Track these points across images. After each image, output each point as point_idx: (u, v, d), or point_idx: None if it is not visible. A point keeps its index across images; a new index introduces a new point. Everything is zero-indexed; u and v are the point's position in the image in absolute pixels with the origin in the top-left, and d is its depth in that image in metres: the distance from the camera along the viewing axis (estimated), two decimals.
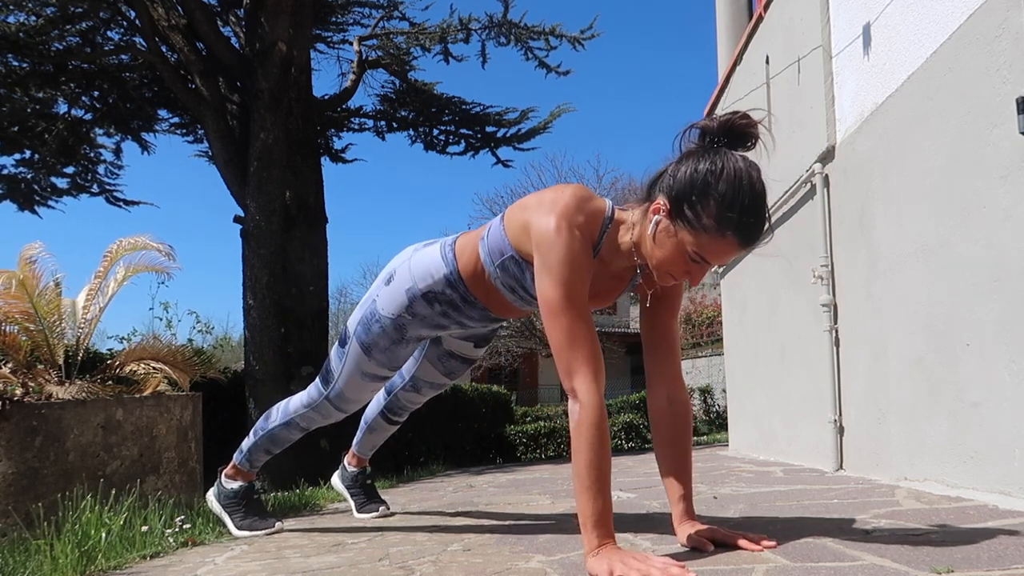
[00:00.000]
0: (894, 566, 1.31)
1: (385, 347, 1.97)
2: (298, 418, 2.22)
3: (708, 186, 1.42)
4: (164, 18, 6.67)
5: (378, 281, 2.00)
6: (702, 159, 1.45)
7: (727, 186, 1.41)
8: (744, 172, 1.42)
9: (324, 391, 2.12)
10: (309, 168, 7.21)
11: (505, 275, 1.75)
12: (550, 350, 1.59)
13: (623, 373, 22.77)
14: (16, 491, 2.46)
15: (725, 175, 1.41)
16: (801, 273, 3.76)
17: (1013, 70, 2.06)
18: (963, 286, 2.33)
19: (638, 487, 3.13)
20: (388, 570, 1.60)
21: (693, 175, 1.44)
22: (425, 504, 3.04)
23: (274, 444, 2.30)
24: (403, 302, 1.91)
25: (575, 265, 1.49)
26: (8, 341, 2.94)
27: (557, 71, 8.87)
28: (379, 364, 2.01)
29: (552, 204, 1.54)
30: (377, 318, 1.95)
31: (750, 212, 1.42)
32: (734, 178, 1.41)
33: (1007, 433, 2.10)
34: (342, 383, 2.07)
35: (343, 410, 2.17)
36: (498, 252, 1.74)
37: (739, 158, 1.45)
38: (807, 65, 3.69)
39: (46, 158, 7.73)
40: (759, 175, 1.44)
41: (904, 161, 2.74)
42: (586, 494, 1.40)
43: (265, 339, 6.22)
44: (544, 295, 1.50)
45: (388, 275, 1.97)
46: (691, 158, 1.47)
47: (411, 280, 1.90)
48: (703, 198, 1.42)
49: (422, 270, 1.89)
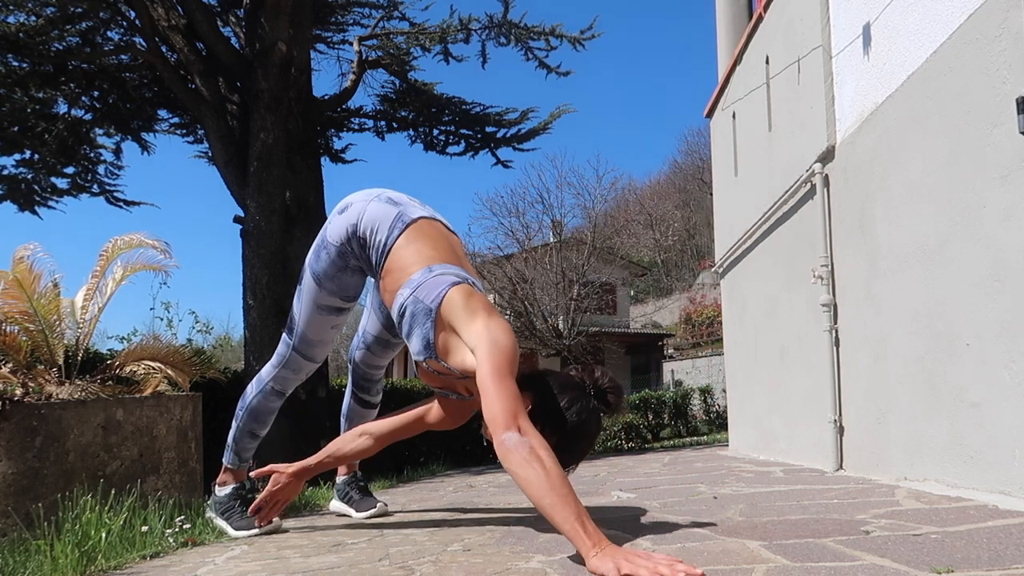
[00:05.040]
0: (894, 566, 1.31)
1: (332, 274, 2.14)
2: (271, 381, 2.33)
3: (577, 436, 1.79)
4: (164, 18, 6.67)
5: (334, 211, 2.18)
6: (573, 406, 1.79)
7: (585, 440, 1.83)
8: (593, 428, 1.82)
9: (290, 340, 2.26)
10: (309, 168, 7.21)
11: (406, 319, 1.93)
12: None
13: (623, 373, 22.76)
14: (16, 491, 2.46)
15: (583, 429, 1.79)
16: (801, 273, 3.76)
17: (1013, 70, 2.06)
18: (963, 286, 2.33)
19: (638, 487, 3.13)
20: (388, 570, 1.60)
21: (560, 417, 1.76)
22: (425, 504, 3.04)
23: (256, 421, 2.37)
24: (344, 235, 2.11)
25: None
26: (8, 341, 2.94)
27: (557, 72, 8.86)
28: (330, 293, 2.17)
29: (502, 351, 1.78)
30: (325, 245, 2.14)
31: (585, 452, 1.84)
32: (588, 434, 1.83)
33: (1007, 433, 2.10)
34: (303, 323, 2.21)
35: (310, 357, 2.28)
36: (415, 312, 1.89)
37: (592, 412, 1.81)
38: (807, 65, 3.69)
39: (46, 158, 7.73)
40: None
41: (904, 161, 2.73)
42: (562, 503, 1.44)
43: (265, 339, 6.21)
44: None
45: (344, 206, 2.15)
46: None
47: (356, 218, 2.09)
48: (570, 439, 1.77)
49: (371, 219, 2.07)
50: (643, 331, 26.07)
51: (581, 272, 19.62)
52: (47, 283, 3.05)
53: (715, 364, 18.11)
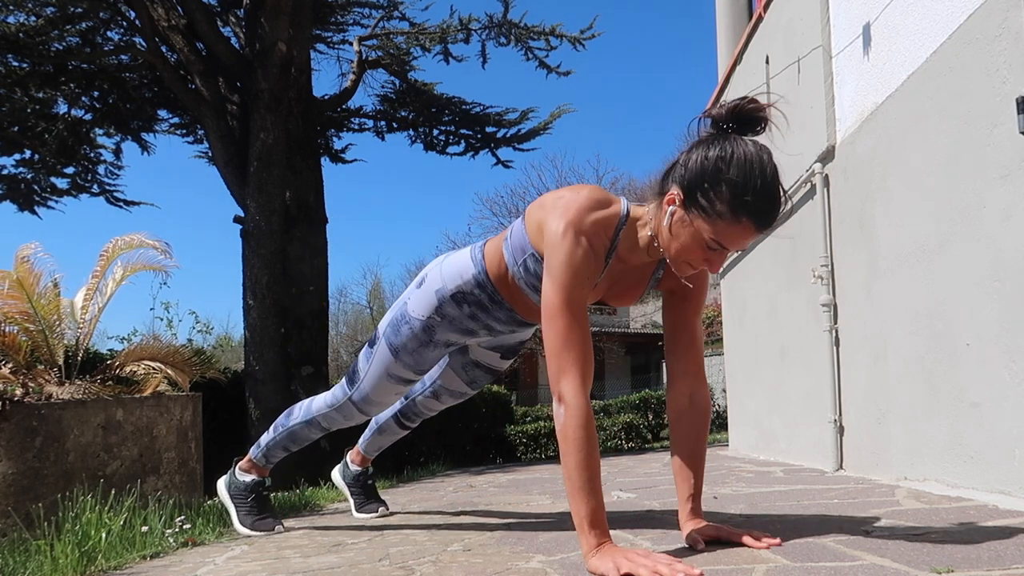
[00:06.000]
0: (894, 566, 1.31)
1: (413, 349, 1.99)
2: (320, 417, 2.25)
3: (719, 172, 1.41)
4: (164, 18, 6.67)
5: (411, 285, 2.04)
6: (712, 146, 1.44)
7: (738, 171, 1.40)
8: (755, 156, 1.42)
9: (348, 391, 2.15)
10: (309, 168, 7.21)
11: (527, 274, 1.75)
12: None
13: (623, 373, 22.77)
14: (16, 491, 2.46)
15: (736, 160, 1.41)
16: (801, 273, 3.76)
17: (1013, 70, 2.06)
18: (963, 286, 2.33)
19: (638, 487, 3.14)
20: (388, 570, 1.60)
21: (704, 162, 1.43)
22: (425, 504, 3.04)
23: (293, 442, 2.34)
24: (433, 303, 1.93)
25: (576, 271, 1.50)
26: (8, 341, 2.94)
27: (557, 71, 8.87)
28: (405, 366, 2.03)
29: (565, 208, 1.55)
30: (407, 320, 1.98)
31: (763, 195, 1.41)
32: (745, 163, 1.41)
33: (1007, 433, 2.10)
34: (368, 384, 2.10)
35: (365, 412, 2.19)
36: (520, 251, 1.74)
37: (749, 143, 1.44)
38: (807, 65, 3.69)
39: (46, 158, 7.73)
40: (770, 158, 1.44)
41: (904, 161, 2.73)
42: (579, 495, 1.42)
43: (265, 339, 6.22)
44: (544, 297, 1.51)
45: (420, 279, 2.00)
46: (701, 146, 1.47)
47: (441, 281, 1.92)
48: (715, 185, 1.41)
49: (452, 271, 1.91)
50: (643, 331, 26.07)
51: None
52: (47, 283, 3.05)
53: (715, 364, 18.09)
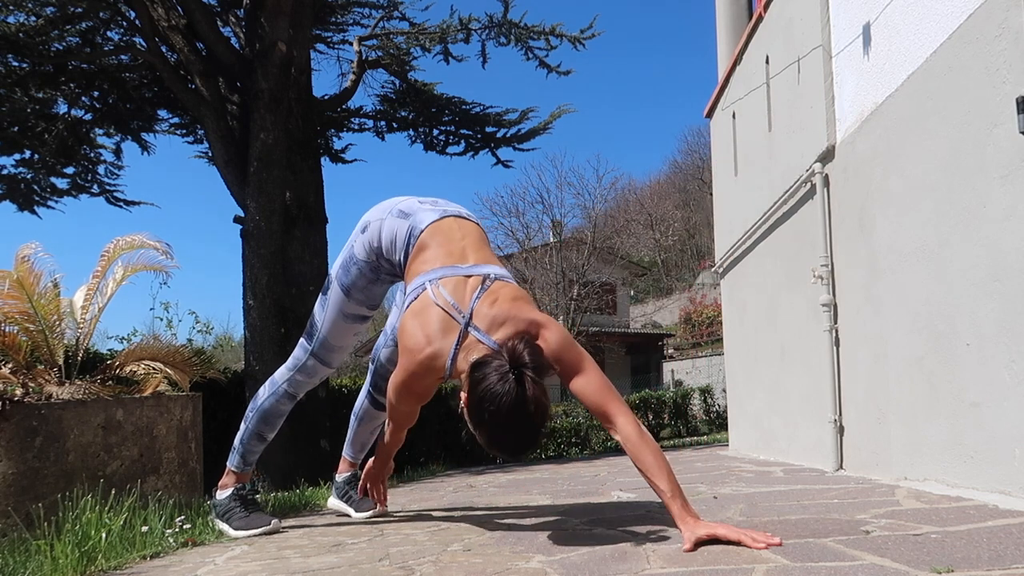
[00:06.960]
0: (894, 566, 1.31)
1: (363, 286, 2.21)
2: (285, 384, 2.37)
3: (481, 414, 1.66)
4: (164, 18, 6.67)
5: (356, 230, 2.25)
6: (481, 383, 1.65)
7: (491, 418, 1.64)
8: (505, 405, 1.62)
9: (309, 346, 2.32)
10: (309, 168, 7.20)
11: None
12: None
13: (623, 373, 22.75)
14: (16, 491, 2.46)
15: (489, 408, 1.63)
16: (801, 273, 3.76)
17: (1013, 70, 2.06)
18: (963, 286, 2.33)
19: (638, 487, 3.13)
20: (388, 570, 1.60)
21: (471, 400, 1.68)
22: (425, 504, 3.04)
23: (266, 424, 2.40)
24: (371, 254, 2.18)
25: (411, 392, 1.98)
26: (8, 341, 2.94)
27: (557, 71, 8.87)
28: (359, 303, 2.24)
29: (402, 370, 1.91)
30: (355, 261, 2.20)
31: (509, 442, 1.71)
32: (495, 412, 1.62)
33: (1007, 433, 2.10)
34: (326, 329, 2.27)
35: (327, 362, 2.34)
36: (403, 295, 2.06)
37: (507, 387, 1.62)
38: (807, 65, 3.69)
39: (46, 158, 7.73)
40: (523, 405, 1.63)
41: (904, 161, 2.73)
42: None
43: (265, 339, 6.21)
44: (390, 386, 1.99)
45: (364, 225, 2.21)
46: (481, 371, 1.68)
47: (376, 239, 2.16)
48: (478, 425, 1.69)
49: (388, 238, 2.13)
50: (643, 331, 26.08)
51: (581, 272, 19.64)
52: (47, 283, 3.05)
53: (715, 364, 18.10)
